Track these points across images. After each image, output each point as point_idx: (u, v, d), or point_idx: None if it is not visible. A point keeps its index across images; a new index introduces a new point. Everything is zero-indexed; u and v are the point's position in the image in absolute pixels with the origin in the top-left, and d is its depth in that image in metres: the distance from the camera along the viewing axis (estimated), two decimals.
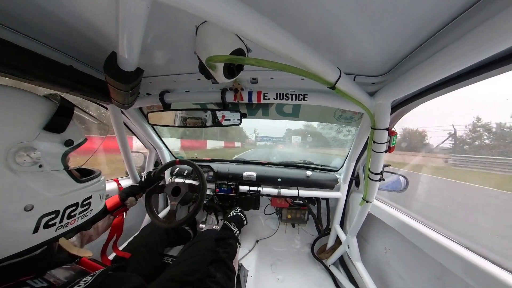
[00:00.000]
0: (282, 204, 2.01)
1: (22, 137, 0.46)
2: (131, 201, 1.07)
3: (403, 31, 0.60)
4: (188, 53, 0.83)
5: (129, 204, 1.06)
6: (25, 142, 0.46)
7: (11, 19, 0.64)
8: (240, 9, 0.41)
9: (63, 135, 0.53)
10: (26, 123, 0.47)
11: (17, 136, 0.45)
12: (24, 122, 0.47)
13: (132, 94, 0.87)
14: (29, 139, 0.47)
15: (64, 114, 0.54)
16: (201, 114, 1.22)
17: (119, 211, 1.03)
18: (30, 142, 0.47)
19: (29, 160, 0.46)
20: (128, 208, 1.08)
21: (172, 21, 0.65)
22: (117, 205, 1.02)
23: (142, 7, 0.42)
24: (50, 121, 0.50)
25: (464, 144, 18.87)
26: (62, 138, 0.53)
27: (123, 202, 1.04)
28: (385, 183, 1.36)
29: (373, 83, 0.92)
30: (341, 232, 1.68)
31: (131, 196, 1.07)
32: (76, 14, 0.63)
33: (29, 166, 0.46)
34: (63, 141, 0.53)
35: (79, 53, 0.88)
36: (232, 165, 2.02)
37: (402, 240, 1.16)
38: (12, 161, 0.43)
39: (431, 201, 5.53)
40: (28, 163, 0.46)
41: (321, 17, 0.58)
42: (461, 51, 0.48)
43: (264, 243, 2.08)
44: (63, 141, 0.53)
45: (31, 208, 0.46)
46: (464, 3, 0.48)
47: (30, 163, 0.46)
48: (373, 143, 0.93)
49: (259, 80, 1.04)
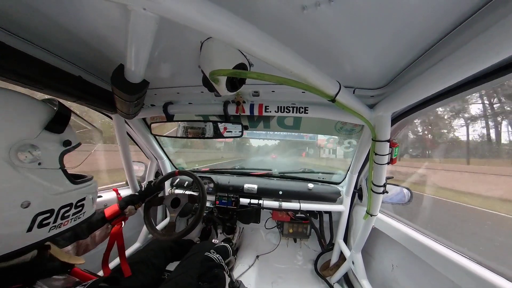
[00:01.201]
0: (284, 217, 1.96)
1: (25, 135, 0.49)
2: (130, 210, 1.05)
3: (399, 46, 0.62)
4: (192, 67, 0.86)
5: (128, 213, 1.05)
6: (28, 139, 0.49)
7: (27, 31, 0.68)
8: (243, 26, 0.44)
9: (61, 135, 0.57)
10: (28, 123, 0.51)
11: (20, 134, 0.49)
12: (27, 122, 0.51)
13: (137, 104, 0.89)
14: (31, 137, 0.50)
15: (63, 117, 0.58)
16: (203, 125, 1.24)
17: (117, 220, 1.02)
18: (32, 140, 0.50)
19: (30, 157, 0.49)
20: (127, 217, 1.06)
21: (178, 37, 0.69)
22: (116, 214, 1.01)
23: (151, 23, 0.45)
24: (50, 122, 0.54)
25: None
26: (61, 139, 0.57)
27: (122, 211, 1.03)
28: (388, 196, 1.34)
29: (373, 95, 0.93)
30: (345, 247, 1.62)
31: (130, 205, 1.06)
32: (89, 28, 0.67)
33: (29, 163, 0.49)
34: (62, 141, 0.57)
35: (88, 64, 0.92)
36: (233, 177, 2.00)
37: (410, 256, 1.11)
38: (14, 157, 0.46)
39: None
40: (29, 160, 0.48)
41: (319, 33, 0.61)
42: (457, 63, 0.50)
43: (265, 259, 2.00)
44: (62, 141, 0.57)
45: (28, 205, 0.47)
46: (455, 20, 0.51)
47: (30, 159, 0.49)
48: (375, 155, 0.93)
49: (261, 93, 1.07)
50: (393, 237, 1.24)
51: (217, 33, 0.43)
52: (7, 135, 0.46)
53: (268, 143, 17.73)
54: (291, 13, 0.53)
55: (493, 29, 0.41)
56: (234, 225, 2.11)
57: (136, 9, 0.40)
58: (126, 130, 1.45)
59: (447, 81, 0.54)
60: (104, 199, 1.46)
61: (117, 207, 1.02)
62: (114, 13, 0.58)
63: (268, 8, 0.53)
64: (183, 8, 0.39)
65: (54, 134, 0.56)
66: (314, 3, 0.49)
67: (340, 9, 0.51)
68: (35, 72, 0.69)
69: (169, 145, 2.02)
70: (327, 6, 0.49)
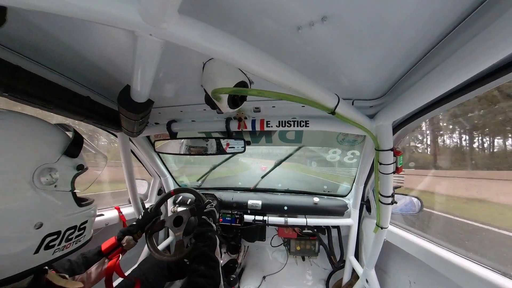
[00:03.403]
0: (290, 234, 1.89)
1: (48, 159, 0.53)
2: (128, 241, 1.01)
3: (392, 57, 0.65)
4: (195, 86, 0.90)
5: (126, 245, 1.00)
6: (50, 163, 0.53)
7: (42, 55, 0.73)
8: (242, 47, 0.46)
9: (76, 160, 0.61)
10: (51, 147, 0.56)
11: (45, 158, 0.53)
12: (50, 146, 0.56)
13: (142, 123, 0.92)
14: (52, 161, 0.54)
15: (78, 142, 0.62)
16: (206, 142, 1.26)
17: (114, 253, 0.96)
18: (53, 164, 0.54)
19: (50, 179, 0.53)
20: (125, 249, 1.01)
21: (181, 59, 0.73)
22: (112, 247, 0.96)
23: (156, 48, 0.48)
24: (69, 147, 0.58)
25: None
26: (75, 163, 0.61)
27: (119, 242, 0.99)
28: (398, 206, 1.29)
29: (372, 106, 0.95)
30: (357, 264, 1.53)
31: (128, 235, 1.02)
32: (98, 52, 0.72)
33: (47, 185, 0.52)
34: (76, 165, 0.61)
35: (96, 85, 0.97)
36: (236, 193, 1.97)
37: (429, 271, 1.04)
38: (36, 179, 0.50)
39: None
40: (47, 182, 0.52)
41: (315, 51, 0.64)
42: (451, 69, 0.51)
43: (272, 280, 1.89)
44: (76, 165, 0.61)
45: (40, 226, 0.49)
46: (445, 29, 0.53)
47: (49, 182, 0.52)
48: (380, 165, 0.92)
49: (262, 109, 1.09)
50: (407, 251, 1.17)
51: (219, 54, 0.45)
52: (33, 158, 0.50)
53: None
54: (287, 33, 0.56)
55: (481, 34, 0.43)
56: (238, 244, 2.04)
57: (143, 35, 0.43)
58: (130, 148, 1.48)
59: (443, 87, 0.55)
60: (106, 218, 1.44)
61: (114, 240, 0.99)
62: (122, 38, 0.63)
63: (266, 30, 0.56)
64: (186, 33, 0.42)
65: (70, 159, 0.60)
66: (308, 23, 0.52)
67: (333, 28, 0.54)
68: (47, 93, 0.73)
69: (172, 162, 2.03)
70: (321, 26, 0.53)
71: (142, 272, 1.13)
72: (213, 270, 0.78)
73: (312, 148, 1.83)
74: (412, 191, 4.63)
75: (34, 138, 0.53)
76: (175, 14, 0.39)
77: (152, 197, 2.00)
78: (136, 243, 1.06)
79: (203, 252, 0.85)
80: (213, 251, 0.89)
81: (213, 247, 0.91)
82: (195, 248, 0.90)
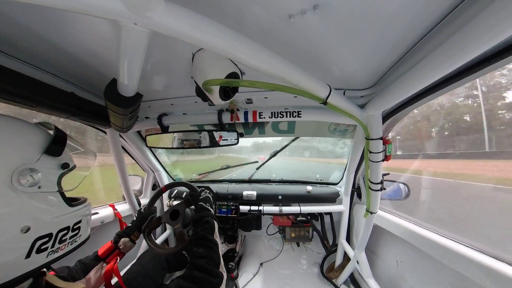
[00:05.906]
0: (285, 222, 1.95)
1: (26, 160, 0.49)
2: (124, 243, 1.00)
3: (383, 47, 0.65)
4: (185, 78, 0.88)
5: (123, 247, 0.99)
6: (29, 164, 0.49)
7: (18, 50, 0.69)
8: (233, 36, 0.45)
9: (60, 158, 0.58)
10: (29, 147, 0.52)
11: (22, 158, 0.49)
12: (27, 146, 0.52)
13: (131, 118, 0.89)
14: (31, 161, 0.50)
15: (61, 140, 0.58)
16: (199, 135, 1.24)
17: (111, 257, 0.95)
18: (33, 164, 0.50)
19: (31, 180, 0.49)
20: (122, 252, 1.00)
21: (170, 49, 0.70)
22: (109, 250, 0.95)
23: (142, 38, 0.46)
24: (50, 145, 0.55)
25: None
26: (59, 162, 0.58)
27: (116, 245, 0.98)
28: (386, 192, 1.35)
29: (362, 96, 0.96)
30: (348, 247, 1.61)
31: (124, 237, 1.01)
32: (80, 44, 0.68)
33: (30, 187, 0.49)
34: (60, 164, 0.58)
35: (80, 80, 0.92)
36: (231, 185, 1.99)
37: (414, 251, 1.12)
38: (16, 181, 0.46)
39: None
40: (29, 184, 0.48)
41: (307, 40, 0.63)
42: (439, 59, 0.52)
43: (269, 266, 1.96)
44: (60, 164, 0.58)
45: (27, 230, 0.46)
46: (435, 19, 0.54)
47: (31, 183, 0.49)
48: (370, 153, 0.95)
49: (254, 100, 1.09)
50: (395, 233, 1.24)
51: (208, 44, 0.44)
52: (9, 160, 0.47)
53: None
54: (278, 22, 0.55)
55: (468, 25, 0.44)
56: (235, 234, 2.08)
57: (127, 25, 0.41)
58: (121, 144, 1.44)
59: (431, 77, 0.57)
60: (101, 216, 1.42)
61: (110, 243, 0.98)
62: (105, 29, 0.59)
63: (256, 18, 0.55)
64: (173, 22, 0.40)
65: (53, 158, 0.56)
66: (300, 12, 0.51)
67: (325, 17, 0.53)
68: (27, 90, 0.68)
69: (164, 156, 2.00)
70: (313, 14, 0.52)
71: (142, 266, 1.14)
72: (212, 251, 0.80)
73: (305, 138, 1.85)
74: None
75: (9, 139, 0.49)
76: (161, 1, 0.37)
77: (146, 193, 1.98)
78: (134, 244, 1.05)
79: (202, 235, 0.87)
80: (212, 234, 0.90)
81: (212, 230, 0.92)
82: (194, 233, 0.91)
